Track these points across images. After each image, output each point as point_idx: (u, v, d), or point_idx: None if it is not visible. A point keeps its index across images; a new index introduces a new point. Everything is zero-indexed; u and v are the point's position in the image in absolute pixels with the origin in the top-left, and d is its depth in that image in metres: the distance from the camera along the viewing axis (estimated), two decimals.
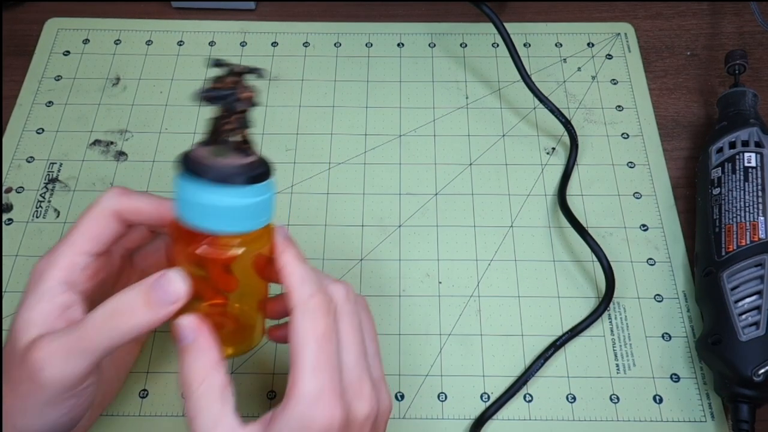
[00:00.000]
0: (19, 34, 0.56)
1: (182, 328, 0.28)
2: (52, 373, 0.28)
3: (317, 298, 0.28)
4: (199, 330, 0.28)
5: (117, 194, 0.31)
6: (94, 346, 0.28)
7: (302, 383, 0.26)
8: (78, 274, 0.30)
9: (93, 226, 0.31)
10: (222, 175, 0.27)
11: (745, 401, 0.38)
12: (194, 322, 0.28)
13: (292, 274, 0.29)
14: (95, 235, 0.31)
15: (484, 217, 0.48)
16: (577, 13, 0.58)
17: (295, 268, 0.29)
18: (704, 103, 0.54)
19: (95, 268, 0.31)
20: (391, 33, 0.57)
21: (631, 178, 0.50)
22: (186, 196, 0.28)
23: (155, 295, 0.28)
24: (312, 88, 0.54)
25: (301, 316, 0.28)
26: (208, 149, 0.28)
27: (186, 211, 0.28)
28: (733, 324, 0.39)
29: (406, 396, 0.41)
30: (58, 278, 0.30)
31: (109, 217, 0.31)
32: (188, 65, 0.55)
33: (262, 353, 0.42)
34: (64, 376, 0.28)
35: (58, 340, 0.28)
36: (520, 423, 0.41)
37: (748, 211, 0.42)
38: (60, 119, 0.52)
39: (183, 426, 0.40)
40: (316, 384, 0.26)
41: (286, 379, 0.27)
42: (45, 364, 0.28)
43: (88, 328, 0.28)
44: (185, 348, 0.28)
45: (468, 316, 0.44)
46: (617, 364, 0.43)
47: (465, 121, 0.52)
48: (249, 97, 0.28)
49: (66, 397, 0.29)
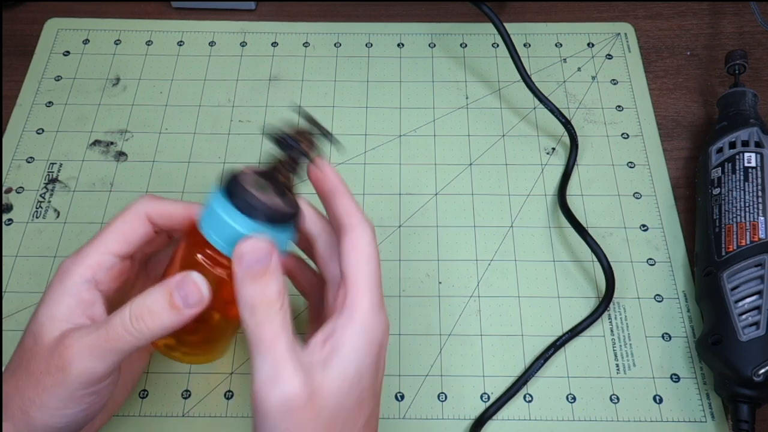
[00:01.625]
0: (19, 34, 0.56)
1: (259, 250, 0.28)
2: (80, 368, 0.28)
3: (369, 223, 0.31)
4: (274, 254, 0.28)
5: (149, 198, 0.32)
6: (120, 346, 0.29)
7: (365, 297, 0.29)
8: (103, 273, 0.31)
9: (125, 227, 0.32)
10: (246, 204, 0.29)
11: (745, 401, 0.38)
12: (270, 246, 0.28)
13: (349, 201, 0.32)
14: (125, 237, 0.32)
15: (484, 217, 0.48)
16: (577, 13, 0.58)
17: (349, 198, 0.32)
18: (704, 103, 0.54)
19: (120, 269, 0.32)
20: (391, 33, 0.57)
21: (631, 178, 0.50)
22: (213, 206, 0.30)
23: (178, 297, 0.29)
24: (312, 88, 0.54)
25: (358, 237, 0.30)
26: (254, 176, 0.30)
27: (206, 218, 0.30)
28: (733, 324, 0.39)
29: (406, 396, 0.41)
30: (84, 276, 0.30)
31: (142, 219, 0.32)
32: (188, 65, 0.55)
33: None
34: (91, 372, 0.29)
35: (88, 336, 0.29)
36: (520, 423, 0.41)
37: (748, 211, 0.42)
38: (60, 119, 0.52)
39: (183, 426, 0.40)
40: (374, 298, 0.29)
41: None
42: (75, 358, 0.28)
43: (116, 328, 0.28)
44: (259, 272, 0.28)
45: (468, 316, 0.44)
46: (617, 364, 0.43)
47: (465, 121, 0.52)
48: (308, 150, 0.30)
49: (87, 393, 0.29)
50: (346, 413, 0.28)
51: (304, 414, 0.27)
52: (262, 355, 0.27)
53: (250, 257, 0.28)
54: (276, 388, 0.27)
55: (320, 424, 0.27)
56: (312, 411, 0.27)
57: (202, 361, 0.33)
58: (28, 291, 0.44)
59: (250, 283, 0.28)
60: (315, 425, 0.27)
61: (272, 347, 0.27)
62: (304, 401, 0.27)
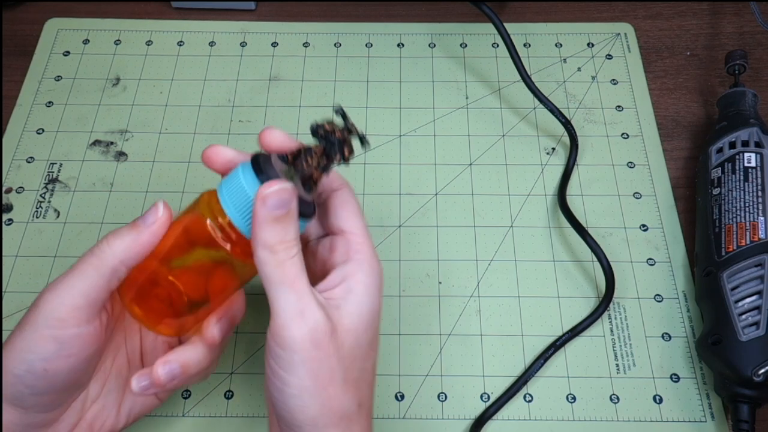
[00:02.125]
0: (19, 34, 0.56)
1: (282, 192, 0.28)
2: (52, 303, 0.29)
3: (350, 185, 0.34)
4: (294, 201, 0.29)
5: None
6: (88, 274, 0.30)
7: (367, 244, 0.32)
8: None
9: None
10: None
11: (745, 401, 0.38)
12: (293, 193, 0.29)
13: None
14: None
15: (484, 217, 0.48)
16: (577, 13, 0.58)
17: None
18: (704, 103, 0.54)
19: None
20: (391, 33, 0.57)
21: (631, 178, 0.50)
22: (236, 178, 0.30)
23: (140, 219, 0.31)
24: (312, 88, 0.54)
25: (347, 194, 0.33)
26: (284, 164, 0.30)
27: (226, 188, 0.30)
28: (733, 324, 0.39)
29: (406, 396, 0.41)
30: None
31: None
32: (188, 65, 0.55)
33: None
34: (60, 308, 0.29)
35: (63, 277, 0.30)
36: (520, 423, 0.41)
37: (748, 211, 0.42)
38: (60, 119, 0.52)
39: (183, 426, 0.40)
40: (373, 245, 0.32)
41: None
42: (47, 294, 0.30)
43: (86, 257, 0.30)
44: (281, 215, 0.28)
45: (468, 316, 0.44)
46: (617, 364, 0.43)
47: (465, 121, 0.52)
48: (347, 155, 0.30)
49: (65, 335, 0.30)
50: (362, 352, 0.30)
51: (328, 348, 0.28)
52: (285, 292, 0.28)
53: (275, 199, 0.28)
54: (303, 322, 0.28)
55: (340, 360, 0.29)
56: (333, 346, 0.28)
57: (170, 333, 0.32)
58: (28, 291, 0.44)
59: (272, 225, 0.28)
60: (336, 361, 0.28)
61: (295, 283, 0.28)
62: (328, 335, 0.28)
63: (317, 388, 0.28)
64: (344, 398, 0.29)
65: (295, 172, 0.30)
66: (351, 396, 0.29)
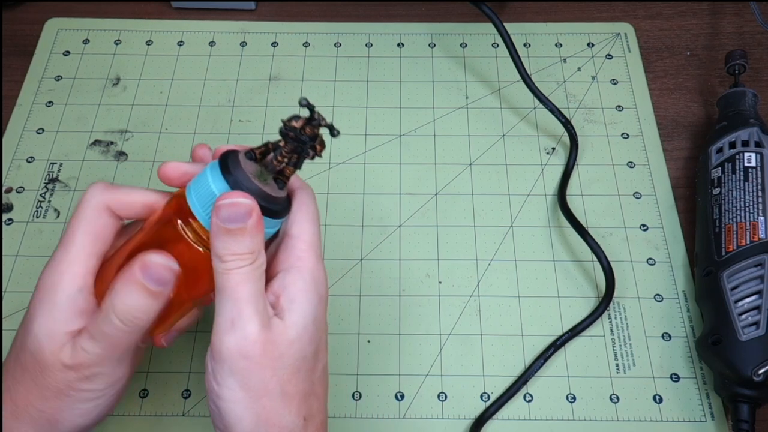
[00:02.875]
0: (19, 34, 0.56)
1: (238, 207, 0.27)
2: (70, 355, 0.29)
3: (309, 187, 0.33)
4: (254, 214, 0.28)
5: (102, 189, 0.31)
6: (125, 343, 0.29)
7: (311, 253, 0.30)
8: (92, 277, 0.30)
9: (92, 226, 0.30)
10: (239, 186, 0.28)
11: (745, 401, 0.38)
12: (251, 206, 0.28)
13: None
14: (98, 235, 0.30)
15: (484, 217, 0.48)
16: (577, 13, 0.58)
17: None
18: (704, 103, 0.54)
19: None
20: (391, 33, 0.57)
21: (631, 178, 0.50)
22: (203, 178, 0.29)
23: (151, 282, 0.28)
24: (312, 88, 0.54)
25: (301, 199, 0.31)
26: (252, 163, 0.29)
27: (194, 189, 0.29)
28: (733, 324, 0.39)
29: (406, 396, 0.41)
30: (75, 286, 0.29)
31: (102, 212, 0.31)
32: (188, 65, 0.55)
33: None
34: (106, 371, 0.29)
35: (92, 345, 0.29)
36: (520, 423, 0.41)
37: (748, 211, 0.42)
38: (60, 119, 0.52)
39: (183, 426, 0.40)
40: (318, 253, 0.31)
41: None
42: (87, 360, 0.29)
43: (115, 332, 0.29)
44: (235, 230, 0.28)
45: (468, 316, 0.44)
46: (617, 364, 0.43)
47: (465, 121, 0.52)
48: (319, 151, 0.29)
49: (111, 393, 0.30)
50: (307, 365, 0.29)
51: (261, 359, 0.28)
52: (223, 300, 0.28)
53: (228, 212, 0.27)
54: (232, 331, 0.27)
55: (275, 372, 0.28)
56: (271, 359, 0.28)
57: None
58: (28, 291, 0.44)
59: (224, 237, 0.28)
60: (270, 372, 0.28)
61: (234, 293, 0.28)
62: (261, 347, 0.27)
63: (250, 399, 0.28)
64: (283, 411, 0.28)
65: (266, 171, 0.29)
66: (293, 409, 0.29)
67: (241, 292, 0.28)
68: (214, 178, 0.28)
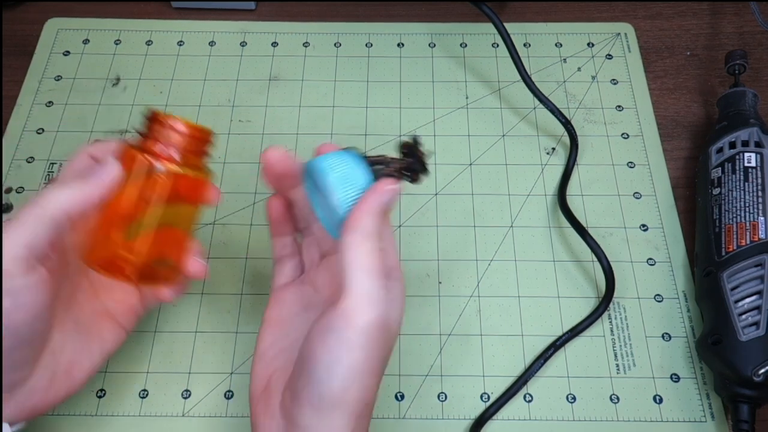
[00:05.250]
0: (19, 34, 0.56)
1: (395, 193, 0.31)
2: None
3: None
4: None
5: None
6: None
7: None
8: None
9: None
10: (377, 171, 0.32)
11: (745, 401, 0.38)
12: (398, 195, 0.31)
13: None
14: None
15: (484, 217, 0.48)
16: (577, 13, 0.58)
17: None
18: (704, 103, 0.54)
19: None
20: (391, 33, 0.57)
21: (631, 178, 0.50)
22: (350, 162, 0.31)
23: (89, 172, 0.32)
24: (312, 88, 0.54)
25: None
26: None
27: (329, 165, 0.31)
28: (733, 324, 0.39)
29: (406, 396, 0.41)
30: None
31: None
32: (188, 65, 0.55)
33: None
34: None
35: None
36: (520, 423, 0.41)
37: (748, 211, 0.42)
38: (60, 119, 0.52)
39: (183, 426, 0.40)
40: None
41: None
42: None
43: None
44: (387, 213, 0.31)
45: (468, 316, 0.44)
46: (617, 364, 0.43)
47: (465, 121, 0.52)
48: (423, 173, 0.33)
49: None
50: (389, 350, 0.31)
51: (385, 338, 0.30)
52: (365, 277, 0.29)
53: (390, 196, 0.31)
54: (374, 307, 0.29)
55: (385, 353, 0.31)
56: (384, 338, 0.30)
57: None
58: None
59: (377, 217, 0.31)
60: (385, 353, 0.31)
61: (373, 273, 0.30)
62: (387, 326, 0.30)
63: (365, 373, 0.29)
64: (372, 390, 0.30)
65: (386, 174, 0.33)
66: (375, 391, 0.31)
67: (379, 273, 0.30)
68: (361, 165, 0.31)
